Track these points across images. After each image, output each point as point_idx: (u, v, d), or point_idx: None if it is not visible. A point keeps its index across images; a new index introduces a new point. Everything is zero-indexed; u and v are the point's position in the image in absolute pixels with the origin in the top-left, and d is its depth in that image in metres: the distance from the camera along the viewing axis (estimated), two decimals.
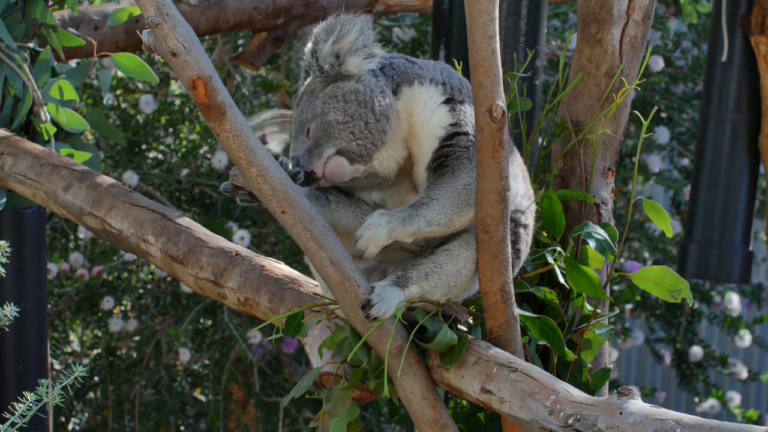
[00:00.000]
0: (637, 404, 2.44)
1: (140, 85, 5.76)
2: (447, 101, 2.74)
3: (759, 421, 6.43)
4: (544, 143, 3.07)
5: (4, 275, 2.79)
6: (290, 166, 2.70)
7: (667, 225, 2.87)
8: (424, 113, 2.73)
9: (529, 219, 2.83)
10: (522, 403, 2.56)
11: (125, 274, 5.60)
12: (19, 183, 3.70)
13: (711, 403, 6.14)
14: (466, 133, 2.71)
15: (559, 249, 2.87)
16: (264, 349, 5.47)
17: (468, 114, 2.72)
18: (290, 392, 2.82)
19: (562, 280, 2.86)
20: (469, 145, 2.70)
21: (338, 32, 2.69)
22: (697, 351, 6.08)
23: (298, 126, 2.74)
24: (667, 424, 2.36)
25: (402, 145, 2.75)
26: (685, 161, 6.03)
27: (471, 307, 2.80)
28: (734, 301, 6.07)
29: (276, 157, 2.71)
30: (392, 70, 2.75)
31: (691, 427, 2.34)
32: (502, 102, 2.56)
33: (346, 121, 2.71)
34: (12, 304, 2.77)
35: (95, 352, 5.73)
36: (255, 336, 5.30)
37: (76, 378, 2.67)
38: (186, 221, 3.33)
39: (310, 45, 2.73)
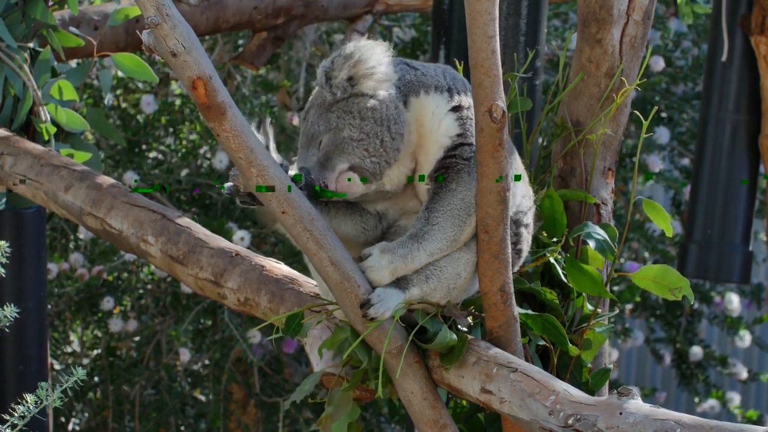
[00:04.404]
0: (637, 404, 2.44)
1: (140, 85, 5.76)
2: (453, 109, 2.73)
3: (759, 422, 6.43)
4: (544, 143, 3.07)
5: (4, 275, 2.79)
6: (290, 171, 2.69)
7: (667, 224, 2.87)
8: (433, 122, 2.73)
9: (529, 218, 2.83)
10: (522, 403, 2.57)
11: (125, 274, 5.60)
12: (19, 183, 3.70)
13: (711, 403, 6.14)
14: (470, 144, 2.71)
15: (559, 249, 2.87)
16: (264, 349, 5.47)
17: (473, 121, 2.71)
18: (292, 395, 2.82)
19: (563, 278, 2.86)
20: (470, 157, 2.70)
21: (356, 59, 2.67)
22: (697, 351, 6.08)
23: (308, 137, 2.72)
24: (667, 424, 2.36)
25: (411, 157, 2.75)
26: (685, 161, 6.03)
27: (471, 307, 2.80)
28: (734, 301, 6.07)
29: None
30: (398, 81, 2.73)
31: (691, 427, 2.34)
32: (502, 102, 2.56)
33: (361, 139, 2.69)
34: (12, 304, 2.77)
35: (95, 352, 5.73)
36: (255, 336, 5.29)
37: (75, 381, 2.67)
38: (186, 221, 3.33)
39: (326, 65, 2.70)
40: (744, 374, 6.20)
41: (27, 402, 2.60)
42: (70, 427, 5.68)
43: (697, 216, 4.79)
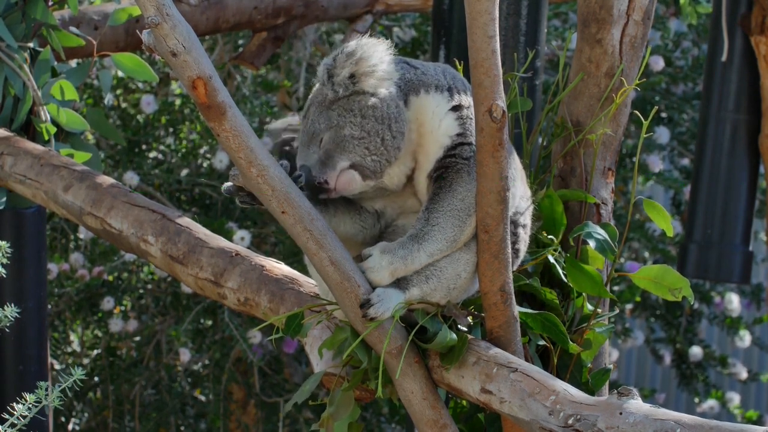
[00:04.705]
0: (636, 404, 2.44)
1: (140, 85, 5.76)
2: (454, 108, 2.73)
3: (759, 422, 6.43)
4: (544, 143, 3.07)
5: (4, 275, 2.79)
6: (303, 175, 2.69)
7: (667, 224, 2.87)
8: (433, 122, 2.73)
9: (527, 219, 2.83)
10: (522, 403, 2.57)
11: (125, 275, 5.60)
12: (19, 183, 3.70)
13: (711, 403, 6.14)
14: (470, 144, 2.71)
15: (559, 248, 2.87)
16: (264, 349, 5.47)
17: (473, 120, 2.71)
18: (293, 396, 2.82)
19: (563, 278, 2.86)
20: (470, 156, 2.70)
21: (358, 56, 2.67)
22: (697, 351, 6.08)
23: (309, 136, 2.72)
24: (667, 424, 2.36)
25: (411, 156, 2.75)
26: (685, 161, 6.03)
27: (471, 307, 2.80)
28: (734, 301, 6.07)
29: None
30: (399, 80, 2.73)
31: (691, 427, 2.34)
32: (502, 102, 2.56)
33: (362, 137, 2.68)
34: (12, 304, 2.77)
35: (95, 352, 5.73)
36: (255, 336, 5.29)
37: (75, 380, 2.67)
38: (186, 221, 3.33)
39: (328, 62, 2.70)
40: (744, 374, 6.20)
41: (27, 401, 2.60)
42: (70, 427, 5.68)
43: (697, 216, 4.79)
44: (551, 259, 2.87)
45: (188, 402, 5.65)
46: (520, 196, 2.82)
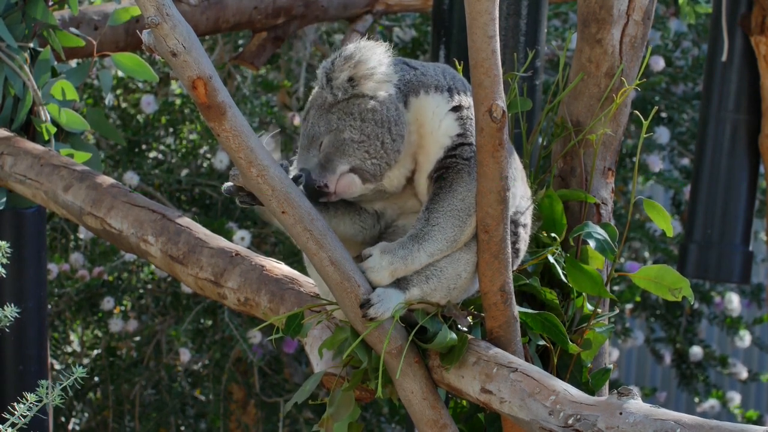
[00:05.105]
0: (637, 404, 2.44)
1: (140, 85, 5.76)
2: (454, 108, 2.73)
3: (759, 422, 6.43)
4: (544, 143, 3.08)
5: (4, 275, 2.79)
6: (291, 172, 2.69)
7: (667, 224, 2.87)
8: (433, 123, 2.72)
9: (527, 218, 2.83)
10: (522, 403, 2.57)
11: (125, 275, 5.60)
12: (19, 183, 3.70)
13: (711, 403, 6.14)
14: (470, 144, 2.71)
15: (559, 249, 2.87)
16: (264, 349, 5.47)
17: (473, 121, 2.71)
18: (293, 396, 2.82)
19: (563, 278, 2.86)
20: (470, 157, 2.70)
21: (357, 60, 2.67)
22: (697, 351, 6.08)
23: (308, 139, 2.71)
24: (667, 424, 2.36)
25: (411, 158, 2.74)
26: (685, 161, 6.03)
27: (471, 307, 2.80)
28: (734, 301, 6.07)
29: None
30: (398, 81, 2.72)
31: (691, 427, 2.34)
32: (502, 102, 2.56)
33: (362, 141, 2.68)
34: (12, 304, 2.77)
35: (95, 352, 5.74)
36: (255, 336, 5.30)
37: (76, 379, 2.67)
38: (186, 221, 3.33)
39: (326, 66, 2.69)
40: (744, 374, 6.20)
41: (28, 400, 2.60)
42: (70, 426, 5.68)
43: (697, 216, 4.79)
44: (551, 259, 2.87)
45: (188, 402, 5.65)
46: (521, 196, 2.82)
